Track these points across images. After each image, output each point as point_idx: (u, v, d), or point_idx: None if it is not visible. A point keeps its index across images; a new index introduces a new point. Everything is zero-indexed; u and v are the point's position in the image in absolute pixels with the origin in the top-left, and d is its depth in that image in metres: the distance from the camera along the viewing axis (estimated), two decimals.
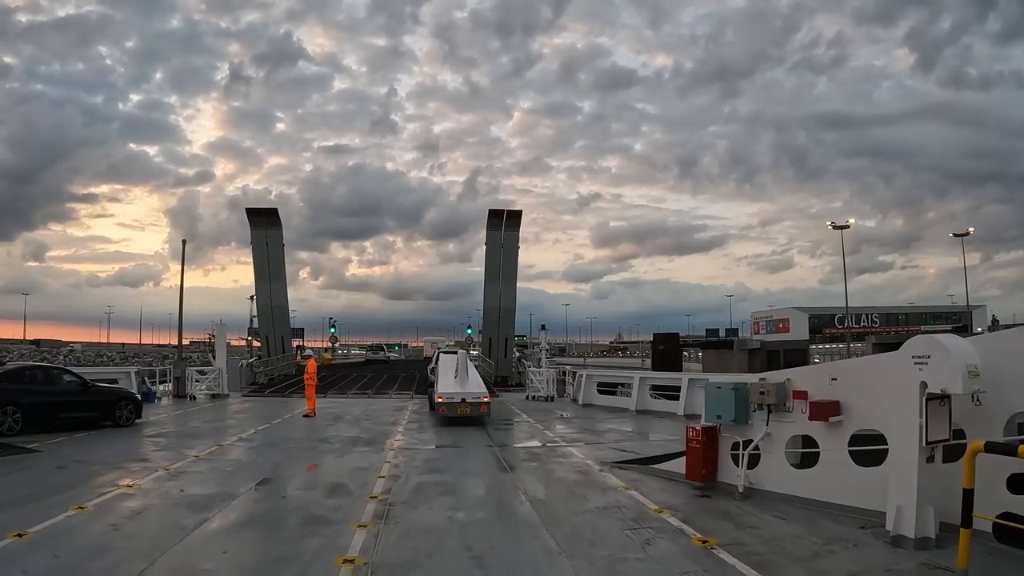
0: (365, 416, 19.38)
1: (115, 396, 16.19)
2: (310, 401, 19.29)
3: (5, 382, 13.86)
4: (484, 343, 38.34)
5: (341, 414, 19.89)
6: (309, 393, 19.50)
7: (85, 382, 15.51)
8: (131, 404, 16.06)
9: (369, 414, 20.03)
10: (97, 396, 15.51)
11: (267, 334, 36.71)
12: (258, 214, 36.03)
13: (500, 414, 20.26)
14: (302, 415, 18.91)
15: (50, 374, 15.56)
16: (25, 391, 13.84)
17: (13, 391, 13.57)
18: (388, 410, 21.24)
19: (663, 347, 59.34)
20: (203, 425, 16.70)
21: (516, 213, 36.47)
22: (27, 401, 13.66)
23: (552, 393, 24.96)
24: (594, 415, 20.06)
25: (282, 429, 16.37)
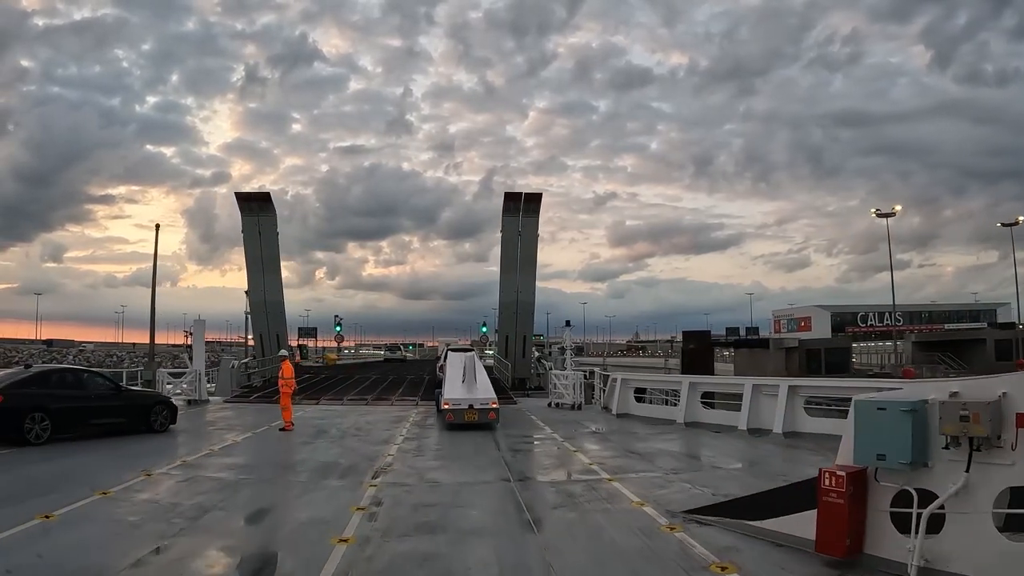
0: (355, 430, 16.10)
1: (150, 400, 15.58)
2: (286, 412, 16.03)
3: (32, 386, 12.98)
4: (500, 342, 34.96)
5: (327, 427, 16.65)
6: (284, 402, 16.19)
7: (117, 385, 14.97)
8: (166, 409, 15.40)
9: (361, 427, 16.75)
10: (130, 400, 14.86)
11: (261, 332, 33.52)
12: (249, 199, 32.88)
13: (519, 427, 16.97)
14: (278, 428, 15.67)
15: (80, 377, 14.68)
16: (53, 396, 13.05)
17: (41, 396, 12.81)
18: (385, 421, 17.94)
19: (693, 346, 55.59)
20: (146, 443, 13.45)
21: (535, 196, 33.00)
22: (56, 407, 12.88)
23: (579, 400, 21.57)
24: (634, 429, 16.66)
25: (244, 449, 13.11)
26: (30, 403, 12.55)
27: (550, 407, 22.05)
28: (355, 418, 18.77)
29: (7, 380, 13.10)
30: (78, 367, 18.58)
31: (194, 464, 11.03)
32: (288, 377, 16.39)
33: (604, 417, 19.25)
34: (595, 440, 14.77)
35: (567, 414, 20.07)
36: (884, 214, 57.26)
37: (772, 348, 61.17)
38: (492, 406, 16.75)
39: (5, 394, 12.37)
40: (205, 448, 12.61)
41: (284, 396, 16.14)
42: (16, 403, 12.35)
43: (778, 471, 10.81)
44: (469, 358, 18.89)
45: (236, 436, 14.61)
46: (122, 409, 14.44)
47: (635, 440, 14.65)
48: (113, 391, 14.54)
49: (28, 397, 12.65)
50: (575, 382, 21.55)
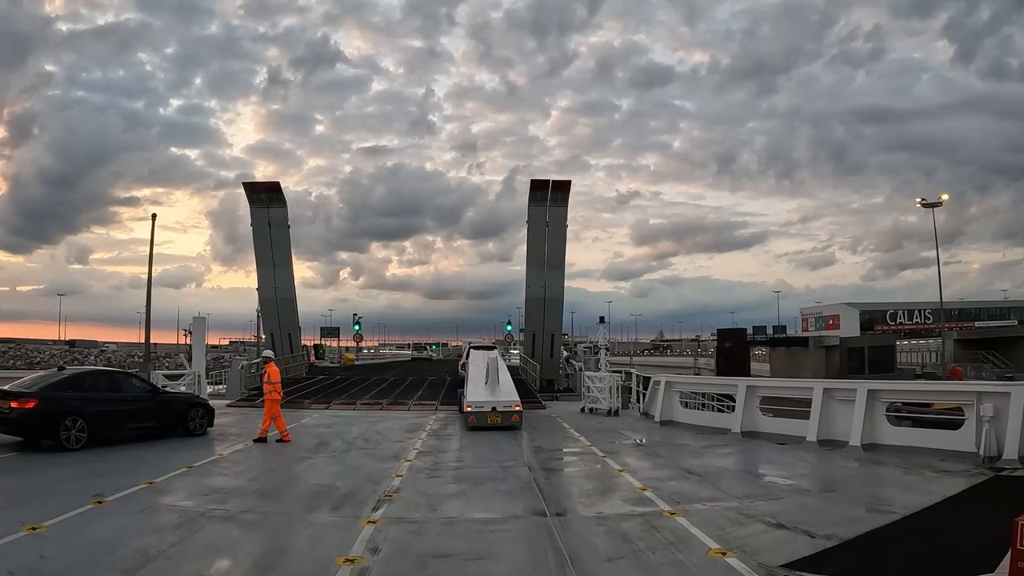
0: (363, 441, 14.17)
1: (186, 403, 15.29)
2: (278, 421, 14.00)
3: (67, 389, 12.50)
4: (526, 340, 32.95)
5: (331, 437, 14.75)
6: (272, 409, 14.06)
7: (154, 388, 14.86)
8: (203, 411, 15.02)
9: (370, 437, 14.83)
10: (166, 403, 14.56)
11: (272, 330, 31.95)
12: (257, 189, 31.24)
13: (551, 437, 14.93)
14: (275, 440, 13.76)
15: (115, 379, 14.16)
16: (89, 399, 12.57)
17: (76, 399, 12.32)
18: (399, 430, 16.01)
19: (729, 345, 53.16)
20: (122, 455, 11.59)
21: (563, 184, 30.93)
22: (92, 410, 12.41)
23: (616, 405, 19.48)
24: (683, 440, 14.55)
25: (229, 466, 11.14)
26: (66, 407, 12.04)
27: (583, 413, 20.01)
28: (365, 426, 16.85)
29: (41, 383, 12.56)
30: (114, 369, 17.99)
31: (160, 487, 9.12)
32: (275, 382, 14.29)
33: (645, 425, 17.16)
34: (641, 454, 12.67)
35: (603, 421, 17.99)
36: (930, 204, 54.11)
37: (811, 346, 58.43)
38: (515, 408, 16.57)
39: (40, 398, 11.89)
40: (183, 464, 10.68)
41: (270, 403, 14.04)
42: (51, 407, 11.87)
43: (879, 499, 8.72)
44: (492, 359, 18.27)
45: (226, 448, 12.71)
46: (159, 412, 14.02)
47: (688, 455, 12.54)
48: (150, 394, 14.22)
49: (64, 401, 12.15)
50: (611, 385, 19.45)
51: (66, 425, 11.93)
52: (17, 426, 11.94)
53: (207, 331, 22.56)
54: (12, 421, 11.81)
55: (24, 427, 11.95)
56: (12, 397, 11.88)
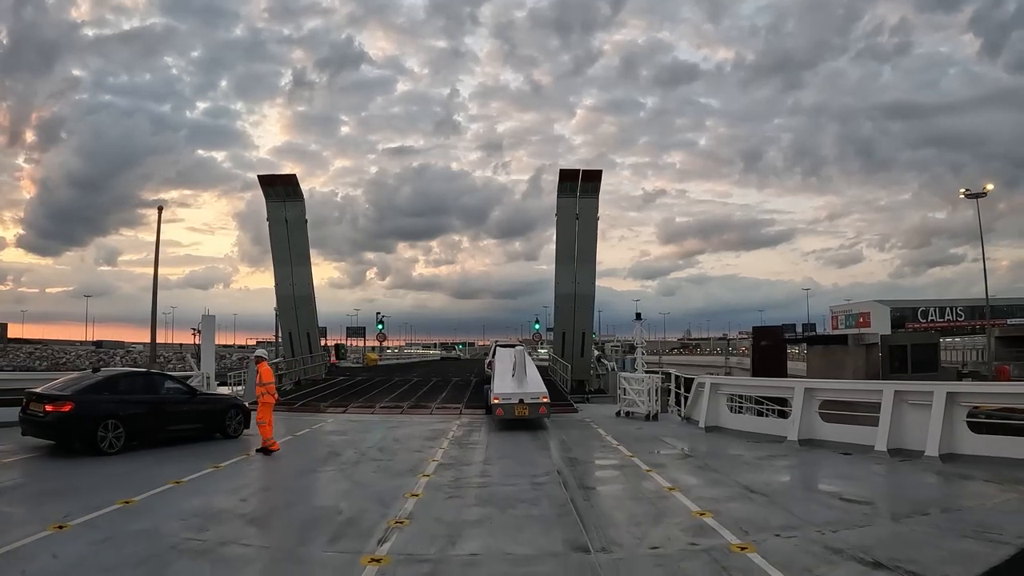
0: (377, 451, 12.84)
1: (224, 405, 14.58)
2: (264, 428, 12.58)
3: (104, 391, 12.10)
4: (556, 339, 31.43)
5: (343, 445, 13.46)
6: (262, 415, 12.70)
7: (192, 390, 14.30)
8: (240, 413, 14.44)
9: (387, 446, 13.51)
10: (205, 405, 14.09)
11: (290, 329, 30.78)
12: (273, 182, 30.10)
13: (586, 447, 13.52)
14: (256, 450, 12.43)
15: (152, 381, 13.63)
16: (126, 402, 12.20)
17: (113, 402, 11.95)
18: (418, 438, 14.67)
19: (766, 343, 51.17)
20: (97, 471, 10.36)
21: (594, 174, 29.36)
22: (129, 413, 12.03)
23: (655, 409, 17.97)
24: (735, 449, 13.02)
25: (219, 482, 9.83)
26: (103, 410, 11.68)
27: (619, 417, 18.53)
28: (382, 433, 15.54)
29: (77, 386, 12.10)
30: (151, 371, 16.98)
31: (135, 509, 7.84)
32: (267, 383, 12.94)
33: (688, 431, 15.64)
34: (691, 468, 11.16)
35: (642, 427, 16.49)
36: (974, 195, 51.59)
37: (851, 344, 56.13)
38: (543, 400, 16.44)
39: (76, 401, 11.45)
40: (169, 479, 9.42)
41: (263, 408, 12.71)
42: (88, 410, 11.48)
43: (983, 524, 7.28)
44: (519, 352, 18.11)
45: (220, 460, 11.44)
46: (197, 415, 13.65)
47: (744, 468, 11.01)
48: (187, 396, 13.76)
49: (101, 404, 11.77)
50: (650, 387, 17.93)
51: (103, 429, 11.51)
52: (52, 430, 11.42)
53: (217, 329, 21.36)
54: (47, 425, 11.32)
55: (60, 431, 11.40)
56: (47, 400, 11.40)
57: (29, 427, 11.67)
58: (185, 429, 13.23)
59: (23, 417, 11.71)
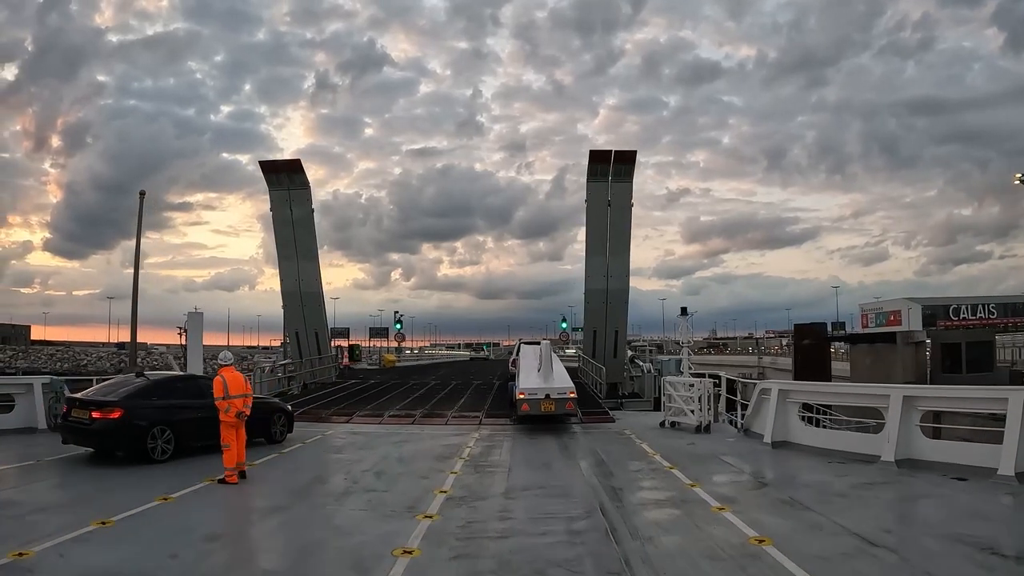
0: (375, 476, 10.48)
1: (268, 409, 14.04)
2: (226, 453, 9.98)
3: (152, 396, 11.65)
4: (586, 338, 28.94)
5: (335, 468, 11.18)
6: (225, 436, 10.09)
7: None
8: (284, 417, 14.20)
9: (387, 469, 11.15)
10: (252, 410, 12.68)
11: (296, 329, 28.64)
12: (275, 168, 27.98)
13: (631, 470, 11.02)
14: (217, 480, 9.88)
15: (199, 385, 12.83)
16: (175, 407, 11.72)
17: (162, 408, 11.45)
18: (428, 456, 12.32)
19: (808, 342, 48.13)
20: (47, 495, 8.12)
21: (628, 155, 26.79)
22: (178, 419, 11.55)
23: (707, 419, 15.42)
24: (818, 473, 10.46)
25: (164, 521, 7.51)
26: (154, 417, 11.20)
27: (663, 428, 16.02)
28: (386, 449, 13.21)
29: (124, 391, 11.59)
30: (198, 374, 16.69)
31: (27, 566, 5.58)
32: (234, 396, 10.30)
33: (751, 448, 13.10)
34: (773, 503, 8.62)
35: (695, 442, 13.96)
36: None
37: (900, 343, 52.75)
38: (570, 396, 16.09)
39: (125, 407, 10.99)
40: (95, 518, 7.14)
41: (223, 428, 10.14)
42: (138, 417, 11.03)
43: None
44: (545, 346, 17.56)
45: (177, 487, 9.15)
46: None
47: (843, 503, 8.47)
48: None
49: (151, 410, 11.31)
50: (702, 394, 15.36)
51: (152, 436, 10.99)
52: (100, 438, 10.96)
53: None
54: (94, 432, 10.84)
55: (108, 439, 10.94)
56: (94, 406, 10.90)
57: (71, 435, 11.17)
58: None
59: (64, 424, 11.23)
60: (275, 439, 13.65)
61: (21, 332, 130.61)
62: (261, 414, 13.33)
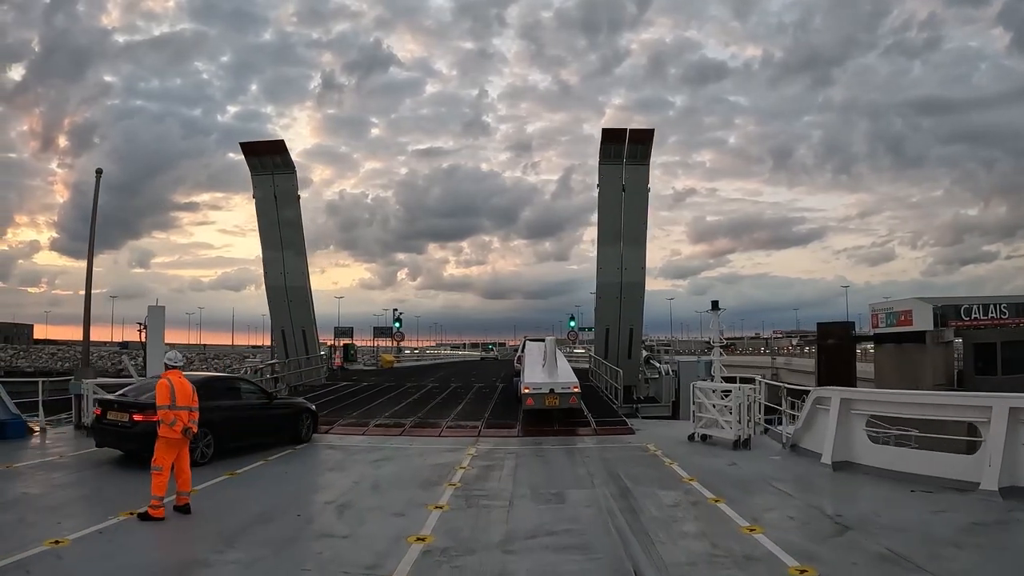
0: (335, 514, 8.23)
1: (296, 409, 14.20)
2: (156, 478, 7.82)
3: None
4: (598, 338, 26.59)
5: (288, 499, 8.92)
6: (157, 458, 7.97)
7: (268, 394, 13.96)
8: (310, 417, 14.20)
9: (354, 501, 8.90)
10: (281, 410, 13.64)
11: (282, 327, 26.48)
12: (257, 151, 25.72)
13: (667, 502, 8.68)
14: (137, 515, 7.67)
15: (235, 386, 13.40)
16: (213, 408, 10.77)
17: (203, 410, 9.42)
18: (412, 480, 10.10)
19: (833, 342, 45.63)
20: None
21: (644, 135, 24.48)
22: (216, 420, 10.94)
23: (747, 432, 13.14)
24: (907, 509, 8.18)
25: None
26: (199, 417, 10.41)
27: (693, 442, 13.76)
28: (362, 470, 11.02)
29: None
30: (232, 375, 17.13)
31: None
32: (181, 407, 8.21)
33: (807, 469, 10.83)
34: (874, 562, 6.26)
35: (735, 461, 11.66)
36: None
37: (930, 342, 50.06)
38: (574, 390, 16.39)
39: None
40: None
41: (160, 447, 8.03)
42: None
43: None
44: (550, 342, 18.36)
45: (87, 524, 6.98)
46: (275, 420, 13.21)
47: (967, 558, 6.22)
48: (265, 400, 13.34)
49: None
50: (741, 403, 13.05)
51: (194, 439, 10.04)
52: (141, 441, 9.98)
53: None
54: (136, 436, 10.34)
55: (151, 442, 9.57)
56: (136, 409, 10.55)
57: (107, 437, 11.00)
58: (266, 435, 12.78)
59: (99, 427, 11.01)
60: (302, 439, 13.61)
61: (23, 331, 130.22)
62: (290, 413, 13.80)
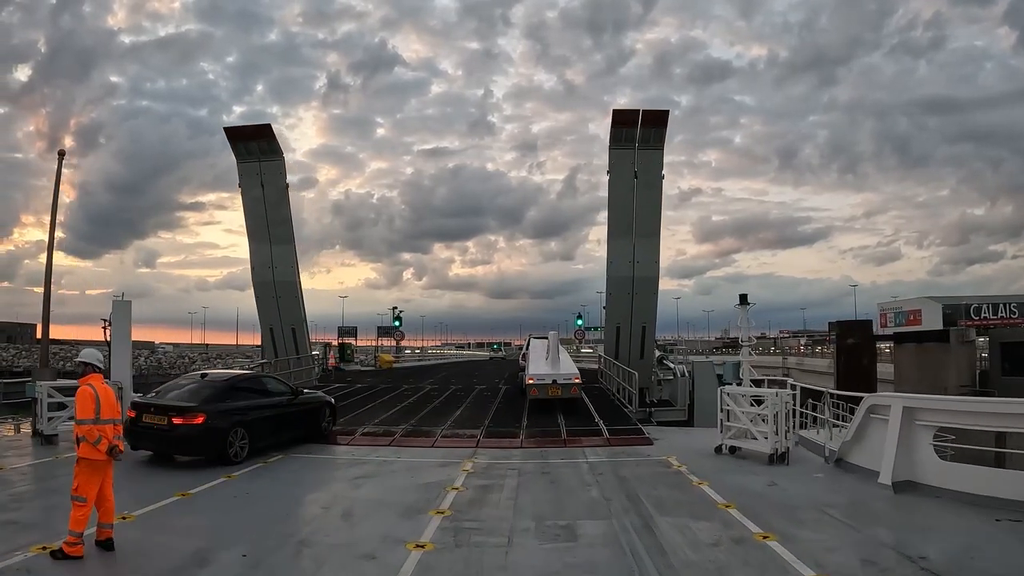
0: (292, 552, 6.63)
1: (318, 403, 14.11)
2: (77, 512, 6.26)
3: (229, 399, 11.44)
4: (608, 336, 24.90)
5: (234, 531, 7.28)
6: (84, 484, 6.34)
7: (294, 390, 13.56)
8: (330, 410, 14.29)
9: (318, 533, 7.30)
10: (306, 406, 13.51)
11: (271, 324, 24.93)
12: (243, 136, 24.21)
13: (699, 537, 6.97)
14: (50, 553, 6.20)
15: (264, 384, 13.06)
16: (248, 408, 11.64)
17: (239, 410, 11.35)
18: (390, 506, 8.50)
19: (853, 341, 43.85)
20: None
21: (658, 116, 22.83)
22: (251, 419, 11.48)
23: (786, 445, 11.48)
24: (1012, 551, 6.57)
25: None
26: (231, 419, 11.11)
27: (720, 454, 12.13)
28: (336, 491, 9.45)
29: (203, 395, 11.26)
30: (259, 373, 16.74)
31: None
32: (106, 420, 6.53)
33: (862, 491, 9.22)
34: None
35: (774, 480, 10.00)
36: None
37: (954, 341, 48.00)
38: (575, 381, 17.42)
39: (207, 411, 10.76)
40: None
41: (82, 471, 6.40)
42: (219, 420, 10.87)
43: None
44: (552, 335, 19.18)
45: None
46: (301, 416, 13.18)
47: None
48: (291, 397, 13.15)
49: (228, 412, 11.16)
50: (778, 411, 11.38)
51: (232, 437, 11.04)
52: (182, 444, 10.83)
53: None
54: (176, 439, 10.69)
55: (192, 445, 10.84)
56: (174, 412, 10.70)
57: (145, 440, 10.87)
58: (293, 431, 12.81)
59: (134, 430, 10.65)
60: (324, 432, 13.77)
61: (26, 331, 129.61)
62: (311, 408, 13.69)
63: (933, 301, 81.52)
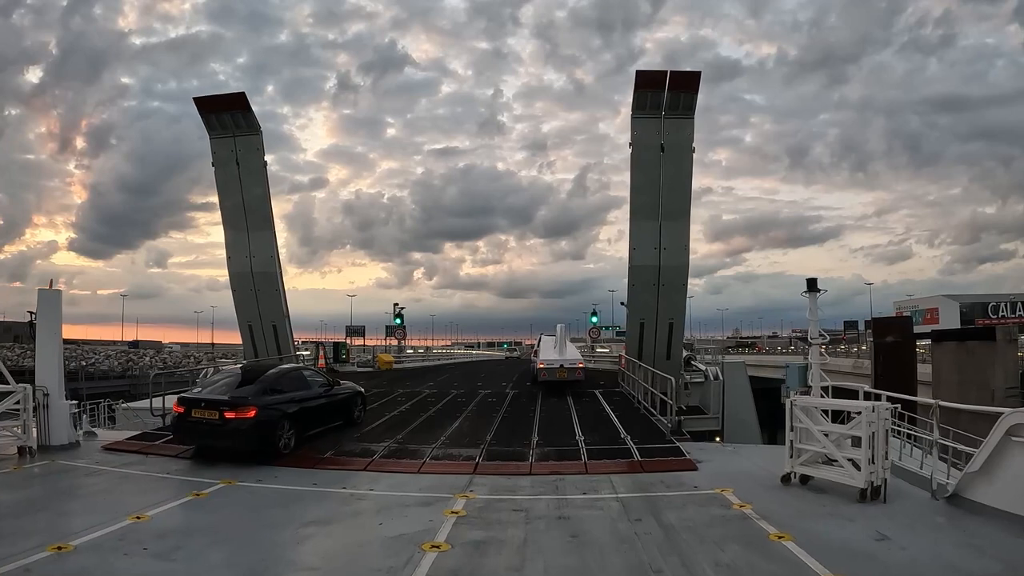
0: None
1: (352, 393, 14.98)
2: None
3: (274, 392, 11.86)
4: (630, 333, 22.10)
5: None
6: None
7: (329, 382, 14.28)
8: (360, 399, 15.30)
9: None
10: (340, 396, 14.26)
11: (249, 321, 22.43)
12: (215, 106, 21.61)
13: None
14: None
15: (303, 377, 13.52)
16: (292, 400, 12.12)
17: (285, 402, 11.83)
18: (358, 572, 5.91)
19: (893, 339, 40.96)
20: None
21: (688, 80, 20.13)
22: (295, 412, 12.00)
23: (881, 476, 8.74)
24: None
25: None
26: (280, 412, 11.59)
27: (790, 484, 9.43)
28: (264, 551, 6.81)
29: (250, 389, 11.56)
30: (299, 366, 16.85)
31: None
32: None
33: (1012, 546, 6.52)
34: None
35: (878, 528, 7.29)
36: None
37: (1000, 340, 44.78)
38: (579, 366, 20.81)
39: (258, 405, 11.11)
40: None
41: None
42: (269, 413, 11.31)
43: None
44: (560, 329, 22.26)
45: None
46: (338, 406, 13.89)
47: None
48: (326, 388, 13.72)
49: (276, 405, 11.60)
50: (876, 430, 8.63)
51: (280, 431, 11.40)
52: (235, 437, 10.90)
53: (60, 310, 13.40)
54: (229, 433, 10.82)
55: (244, 438, 10.93)
56: (226, 406, 10.91)
57: (193, 435, 11.26)
58: (332, 421, 13.41)
59: (183, 425, 11.12)
60: (356, 421, 14.57)
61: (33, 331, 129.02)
62: (346, 398, 14.43)
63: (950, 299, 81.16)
